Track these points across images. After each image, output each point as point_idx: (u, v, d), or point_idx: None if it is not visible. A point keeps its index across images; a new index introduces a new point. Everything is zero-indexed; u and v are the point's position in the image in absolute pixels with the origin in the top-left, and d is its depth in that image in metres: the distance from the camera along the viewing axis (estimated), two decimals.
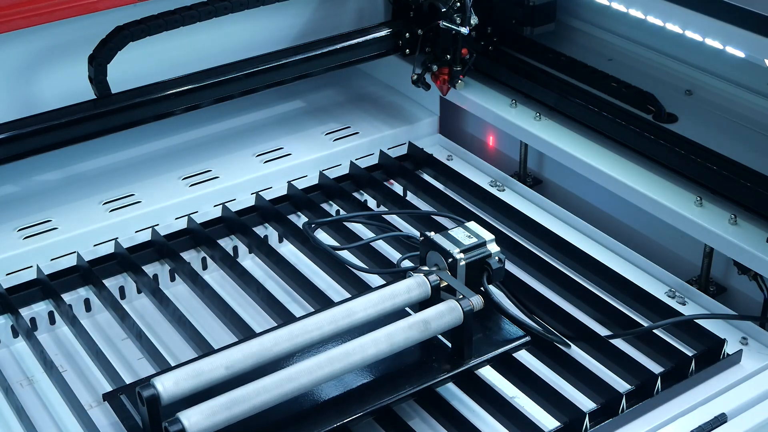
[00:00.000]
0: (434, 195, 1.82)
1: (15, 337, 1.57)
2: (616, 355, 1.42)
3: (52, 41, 1.74)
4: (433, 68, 1.93)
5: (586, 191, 1.85)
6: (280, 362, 1.27)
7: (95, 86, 1.67)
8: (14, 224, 1.70)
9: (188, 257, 1.69)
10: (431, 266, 1.41)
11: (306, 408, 1.28)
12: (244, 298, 1.62)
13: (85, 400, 1.40)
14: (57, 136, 1.68)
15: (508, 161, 2.00)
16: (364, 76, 2.18)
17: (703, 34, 1.71)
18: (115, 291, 1.64)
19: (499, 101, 1.93)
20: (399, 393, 1.31)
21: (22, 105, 1.71)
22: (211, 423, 1.17)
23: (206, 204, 1.78)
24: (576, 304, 1.56)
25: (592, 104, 1.79)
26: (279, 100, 2.07)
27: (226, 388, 1.21)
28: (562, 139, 1.79)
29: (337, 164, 1.90)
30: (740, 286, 1.62)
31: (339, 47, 1.90)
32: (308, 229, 1.65)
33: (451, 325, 1.31)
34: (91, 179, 1.83)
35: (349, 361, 1.25)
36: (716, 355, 1.41)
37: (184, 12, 1.70)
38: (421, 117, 2.03)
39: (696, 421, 1.31)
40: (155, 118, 1.76)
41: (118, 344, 1.56)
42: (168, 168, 1.86)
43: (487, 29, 1.96)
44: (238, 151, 1.92)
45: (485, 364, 1.37)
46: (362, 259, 1.64)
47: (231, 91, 1.82)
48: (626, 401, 1.31)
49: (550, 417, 1.33)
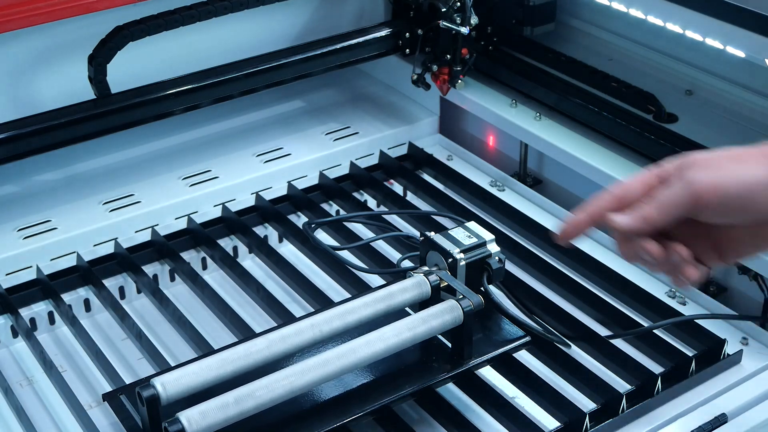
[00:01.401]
0: (434, 195, 1.82)
1: (14, 337, 1.57)
2: (616, 355, 1.41)
3: (52, 41, 1.74)
4: (433, 68, 1.93)
5: (586, 191, 1.85)
6: (280, 362, 1.27)
7: (95, 86, 1.67)
8: (14, 224, 1.70)
9: (188, 257, 1.69)
10: (431, 266, 1.40)
11: (306, 408, 1.28)
12: (244, 298, 1.62)
13: (84, 401, 1.40)
14: (57, 136, 1.67)
15: (508, 161, 2.00)
16: (364, 76, 2.18)
17: (703, 34, 1.71)
18: (115, 291, 1.64)
19: (499, 101, 1.93)
20: (399, 393, 1.30)
21: (21, 105, 1.71)
22: (211, 423, 1.17)
23: (206, 204, 1.78)
24: (576, 304, 1.55)
25: (592, 104, 1.79)
26: (279, 100, 2.07)
27: (226, 388, 1.21)
28: (562, 139, 1.79)
29: (337, 164, 1.90)
30: (740, 286, 1.62)
31: (339, 47, 1.90)
32: (308, 229, 1.65)
33: (451, 325, 1.31)
34: (91, 179, 1.83)
35: (349, 361, 1.25)
36: (716, 355, 1.40)
37: (184, 12, 1.69)
38: (421, 117, 2.03)
39: (696, 421, 1.31)
40: (155, 118, 1.76)
41: (118, 344, 1.56)
42: (168, 168, 1.86)
43: (487, 29, 1.96)
44: (238, 151, 1.92)
45: (485, 364, 1.37)
46: (362, 259, 1.64)
47: (231, 91, 1.82)
48: (626, 401, 1.30)
49: (550, 417, 1.33)
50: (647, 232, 1.00)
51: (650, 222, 0.99)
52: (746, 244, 1.02)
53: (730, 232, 1.02)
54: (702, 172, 0.97)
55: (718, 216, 0.97)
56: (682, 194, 0.97)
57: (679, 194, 0.97)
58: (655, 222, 0.99)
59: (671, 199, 0.98)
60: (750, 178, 0.95)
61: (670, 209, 0.98)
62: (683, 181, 0.97)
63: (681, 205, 0.97)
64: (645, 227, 1.00)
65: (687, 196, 0.97)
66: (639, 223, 0.99)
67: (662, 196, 0.99)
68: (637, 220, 0.99)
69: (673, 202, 0.98)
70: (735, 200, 0.95)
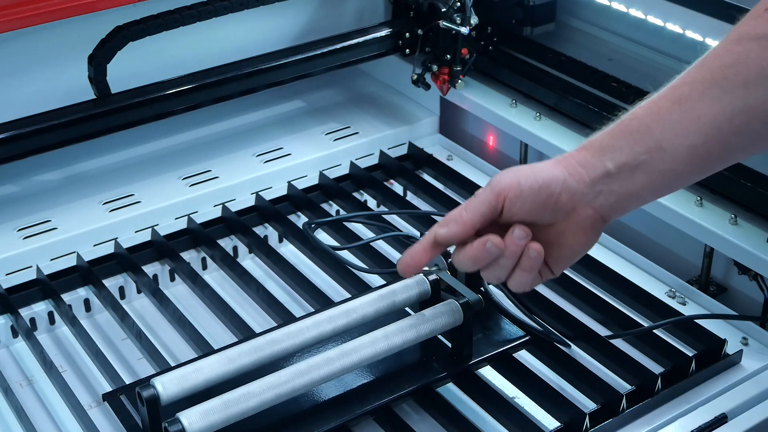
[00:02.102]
0: (434, 195, 1.82)
1: (14, 337, 1.57)
2: (616, 355, 1.41)
3: (52, 41, 1.74)
4: (433, 68, 1.93)
5: None
6: (280, 362, 1.27)
7: (95, 86, 1.67)
8: (14, 224, 1.70)
9: (188, 257, 1.69)
10: (431, 266, 1.40)
11: (306, 408, 1.28)
12: (244, 298, 1.62)
13: (84, 401, 1.40)
14: (57, 136, 1.67)
15: (508, 161, 2.00)
16: (364, 76, 2.18)
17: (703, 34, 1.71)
18: (115, 291, 1.64)
19: (499, 101, 1.93)
20: (399, 393, 1.31)
21: (21, 105, 1.71)
22: (211, 423, 1.17)
23: (206, 204, 1.78)
24: (576, 304, 1.55)
25: (592, 104, 1.79)
26: (279, 100, 2.07)
27: (226, 388, 1.21)
28: (562, 139, 1.79)
29: (337, 164, 1.90)
30: (740, 286, 1.62)
31: (339, 47, 1.89)
32: (308, 229, 1.65)
33: (451, 325, 1.31)
34: (91, 179, 1.83)
35: (349, 361, 1.25)
36: (716, 355, 1.40)
37: (184, 12, 1.69)
38: (421, 117, 2.03)
39: (696, 421, 1.31)
40: (155, 118, 1.76)
41: (118, 344, 1.56)
42: (168, 168, 1.86)
43: (487, 29, 1.96)
44: (238, 151, 1.92)
45: (485, 364, 1.37)
46: (362, 259, 1.64)
47: (231, 91, 1.81)
48: (626, 401, 1.30)
49: (550, 417, 1.33)
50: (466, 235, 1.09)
51: (462, 221, 1.08)
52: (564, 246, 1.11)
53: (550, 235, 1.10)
54: (503, 175, 1.08)
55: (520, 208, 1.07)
56: (486, 192, 1.08)
57: (483, 193, 1.08)
58: (465, 221, 1.08)
59: (477, 199, 1.09)
60: (546, 175, 1.07)
61: (477, 207, 1.08)
62: (488, 185, 1.09)
63: (486, 202, 1.08)
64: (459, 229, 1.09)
65: (490, 192, 1.08)
66: (453, 228, 1.09)
67: (470, 201, 1.10)
68: (451, 225, 1.09)
69: (479, 200, 1.08)
70: (533, 191, 1.06)
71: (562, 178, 1.07)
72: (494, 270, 1.10)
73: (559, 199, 1.07)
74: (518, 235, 1.07)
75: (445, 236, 1.10)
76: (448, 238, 1.10)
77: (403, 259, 1.13)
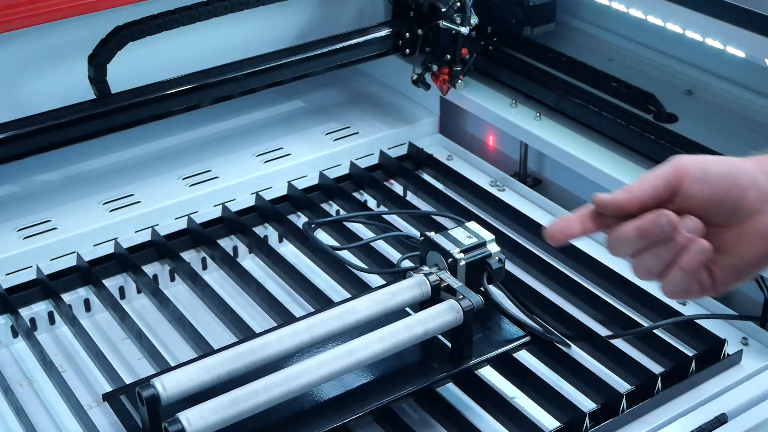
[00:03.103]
0: (434, 195, 1.82)
1: (14, 337, 1.57)
2: (616, 355, 1.41)
3: (52, 41, 1.74)
4: (433, 68, 1.93)
5: (586, 191, 1.85)
6: (280, 362, 1.27)
7: (95, 86, 1.67)
8: (14, 224, 1.70)
9: (188, 257, 1.69)
10: (431, 266, 1.40)
11: (306, 408, 1.28)
12: (244, 298, 1.62)
13: (84, 401, 1.40)
14: (57, 136, 1.67)
15: (508, 161, 2.00)
16: (364, 76, 2.18)
17: (703, 34, 1.71)
18: (115, 291, 1.64)
19: (499, 101, 1.93)
20: (399, 393, 1.30)
21: (21, 105, 1.71)
22: (211, 423, 1.17)
23: (206, 204, 1.78)
24: (576, 304, 1.55)
25: (592, 104, 1.79)
26: (279, 100, 2.07)
27: (226, 388, 1.21)
28: (562, 139, 1.79)
29: (337, 164, 1.90)
30: (740, 286, 1.62)
31: (339, 47, 1.90)
32: (308, 229, 1.65)
33: (451, 325, 1.31)
34: (91, 179, 1.83)
35: (349, 361, 1.25)
36: (716, 355, 1.40)
37: (183, 12, 1.69)
38: (421, 117, 2.03)
39: (696, 421, 1.31)
40: (155, 118, 1.76)
41: (118, 344, 1.56)
42: (168, 168, 1.86)
43: (487, 29, 1.96)
44: (238, 151, 1.92)
45: (485, 364, 1.37)
46: (362, 259, 1.64)
47: (231, 91, 1.82)
48: (626, 401, 1.30)
49: (550, 417, 1.33)
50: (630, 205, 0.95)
51: (630, 189, 0.95)
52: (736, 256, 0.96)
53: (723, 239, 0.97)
54: (686, 156, 0.96)
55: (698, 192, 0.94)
56: (665, 167, 0.95)
57: (661, 168, 0.95)
58: (633, 189, 0.95)
59: (653, 172, 0.95)
60: (736, 164, 0.95)
61: (651, 180, 0.95)
62: (668, 161, 0.96)
63: (662, 176, 0.94)
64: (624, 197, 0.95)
65: (669, 167, 0.95)
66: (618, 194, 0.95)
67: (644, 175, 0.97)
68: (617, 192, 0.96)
69: (655, 173, 0.95)
70: (719, 176, 0.94)
71: (754, 173, 0.94)
72: (650, 259, 0.94)
73: (745, 195, 0.93)
74: (689, 226, 0.92)
75: (606, 200, 0.95)
76: (610, 202, 0.95)
77: (554, 222, 0.98)
